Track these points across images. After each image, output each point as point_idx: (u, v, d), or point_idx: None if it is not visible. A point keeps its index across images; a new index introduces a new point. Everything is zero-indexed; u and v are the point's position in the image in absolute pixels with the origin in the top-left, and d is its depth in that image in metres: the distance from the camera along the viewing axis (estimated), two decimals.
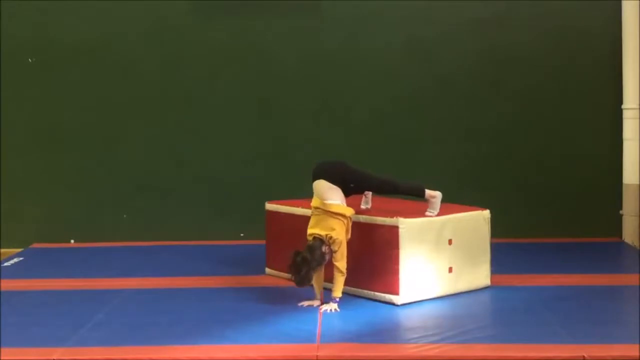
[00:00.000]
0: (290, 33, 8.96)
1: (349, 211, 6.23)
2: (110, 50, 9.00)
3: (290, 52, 8.98)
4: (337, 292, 6.12)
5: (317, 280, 6.26)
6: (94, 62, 9.00)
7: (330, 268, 6.22)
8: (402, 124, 8.97)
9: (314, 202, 6.27)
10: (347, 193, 6.32)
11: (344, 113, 8.99)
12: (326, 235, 6.08)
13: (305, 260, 5.96)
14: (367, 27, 8.92)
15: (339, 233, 6.11)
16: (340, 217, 6.15)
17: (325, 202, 6.18)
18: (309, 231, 6.18)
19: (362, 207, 6.73)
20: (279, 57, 8.98)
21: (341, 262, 6.12)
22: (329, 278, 6.25)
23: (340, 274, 6.13)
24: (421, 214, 6.45)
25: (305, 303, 6.24)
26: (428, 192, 6.49)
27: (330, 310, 6.04)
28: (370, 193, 6.75)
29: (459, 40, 8.89)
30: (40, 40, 9.00)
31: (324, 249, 6.08)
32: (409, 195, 6.62)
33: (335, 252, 6.11)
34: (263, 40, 8.97)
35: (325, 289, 6.32)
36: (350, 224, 6.23)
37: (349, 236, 6.22)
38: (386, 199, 7.28)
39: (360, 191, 6.56)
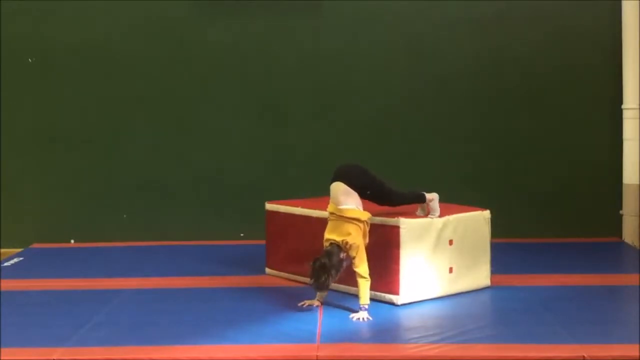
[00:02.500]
0: (290, 33, 8.95)
1: (365, 215, 6.13)
2: (110, 50, 9.00)
3: (290, 52, 8.98)
4: (364, 299, 5.95)
5: None
6: (94, 62, 9.00)
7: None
8: (403, 123, 8.96)
9: (330, 207, 6.17)
10: (362, 198, 6.23)
11: (344, 113, 8.99)
12: (342, 240, 5.99)
13: (323, 266, 5.88)
14: (368, 27, 8.92)
15: (355, 238, 6.01)
16: (355, 222, 6.05)
17: (340, 207, 6.08)
18: (326, 236, 6.08)
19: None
20: (279, 57, 8.97)
21: (362, 267, 6.00)
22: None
23: (363, 280, 5.99)
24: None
25: (306, 303, 6.22)
26: (427, 196, 6.47)
27: (363, 319, 5.86)
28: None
29: (459, 40, 8.89)
30: (40, 40, 9.00)
31: (342, 255, 5.97)
32: (413, 203, 6.54)
33: (353, 257, 6.00)
34: (263, 40, 8.97)
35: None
36: (367, 228, 6.13)
37: (367, 240, 6.12)
38: None
39: (373, 199, 6.38)
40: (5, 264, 7.93)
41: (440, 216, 6.47)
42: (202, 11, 8.94)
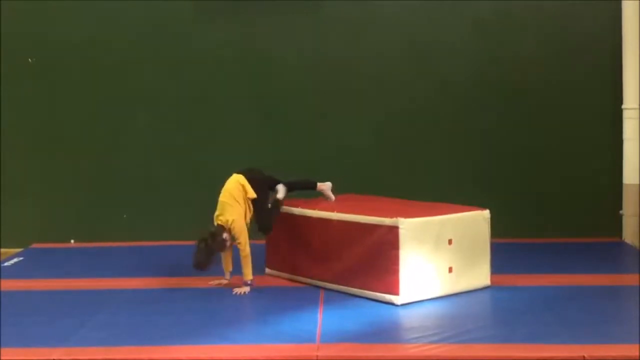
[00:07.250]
0: (290, 33, 8.95)
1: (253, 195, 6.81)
2: (110, 50, 9.00)
3: (290, 52, 8.97)
4: (249, 275, 6.67)
5: (226, 260, 6.92)
6: (94, 62, 9.00)
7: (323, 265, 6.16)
8: (403, 124, 8.96)
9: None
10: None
11: (345, 113, 8.98)
12: (227, 221, 6.68)
13: (208, 246, 6.58)
14: (368, 27, 8.91)
15: (239, 221, 6.68)
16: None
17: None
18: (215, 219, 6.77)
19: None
20: (279, 57, 8.97)
21: (247, 248, 6.66)
22: (326, 277, 6.21)
23: (246, 258, 6.67)
24: (421, 213, 6.45)
25: (214, 282, 6.89)
26: (319, 184, 7.18)
27: (244, 293, 6.58)
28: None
29: (459, 40, 8.88)
30: (40, 40, 9.00)
31: (225, 235, 6.68)
32: (304, 189, 7.25)
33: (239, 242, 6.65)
34: (263, 40, 8.96)
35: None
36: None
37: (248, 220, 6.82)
38: (385, 198, 7.29)
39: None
40: (5, 264, 7.93)
41: (439, 215, 6.47)
42: (202, 11, 8.93)
